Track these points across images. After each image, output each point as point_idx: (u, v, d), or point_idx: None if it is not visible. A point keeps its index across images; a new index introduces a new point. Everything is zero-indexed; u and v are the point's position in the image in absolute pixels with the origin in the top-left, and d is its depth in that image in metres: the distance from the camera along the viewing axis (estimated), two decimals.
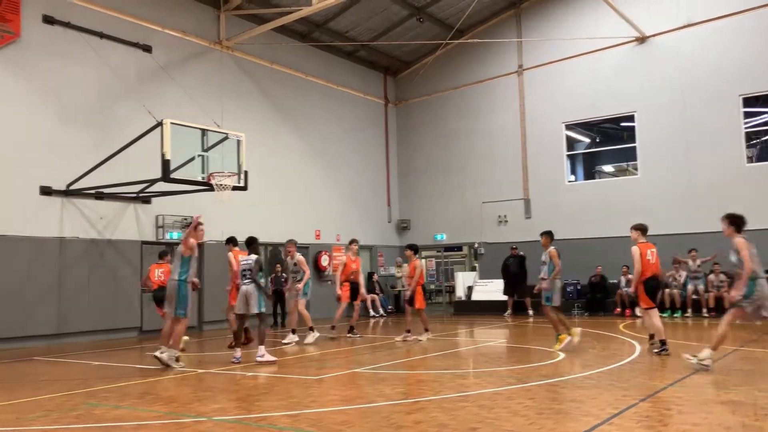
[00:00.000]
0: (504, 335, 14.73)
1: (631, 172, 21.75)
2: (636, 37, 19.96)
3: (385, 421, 5.94)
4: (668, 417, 5.71)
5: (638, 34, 19.79)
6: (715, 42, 18.83)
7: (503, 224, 22.36)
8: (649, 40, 19.92)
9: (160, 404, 7.08)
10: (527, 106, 22.08)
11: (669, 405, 6.21)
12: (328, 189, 21.97)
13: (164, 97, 16.63)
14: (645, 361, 9.30)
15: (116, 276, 15.58)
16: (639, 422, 5.54)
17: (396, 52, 23.90)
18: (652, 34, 19.81)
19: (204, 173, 13.60)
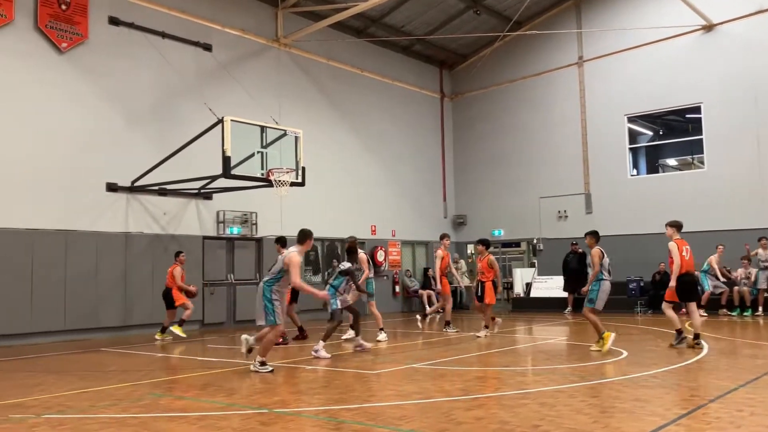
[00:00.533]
0: (564, 332, 14.48)
1: (696, 166, 21.03)
2: (702, 26, 19.25)
3: (445, 417, 5.90)
4: (740, 419, 5.49)
5: (705, 22, 19.09)
6: None
7: (563, 219, 21.96)
8: (716, 28, 19.19)
9: (222, 396, 7.21)
10: (588, 98, 21.59)
11: (741, 406, 5.97)
12: (384, 184, 21.99)
13: (224, 94, 16.94)
14: (713, 361, 8.98)
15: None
16: (709, 423, 5.34)
17: (452, 46, 23.72)
18: (719, 21, 19.08)
19: (263, 169, 13.79)
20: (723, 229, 18.48)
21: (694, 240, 18.61)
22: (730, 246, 17.90)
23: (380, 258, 21.40)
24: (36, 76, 14.05)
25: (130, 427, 5.69)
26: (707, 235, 18.62)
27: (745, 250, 17.00)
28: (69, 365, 10.13)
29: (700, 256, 18.03)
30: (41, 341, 13.41)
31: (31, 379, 8.75)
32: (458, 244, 24.62)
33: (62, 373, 9.20)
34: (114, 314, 14.74)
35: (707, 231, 18.70)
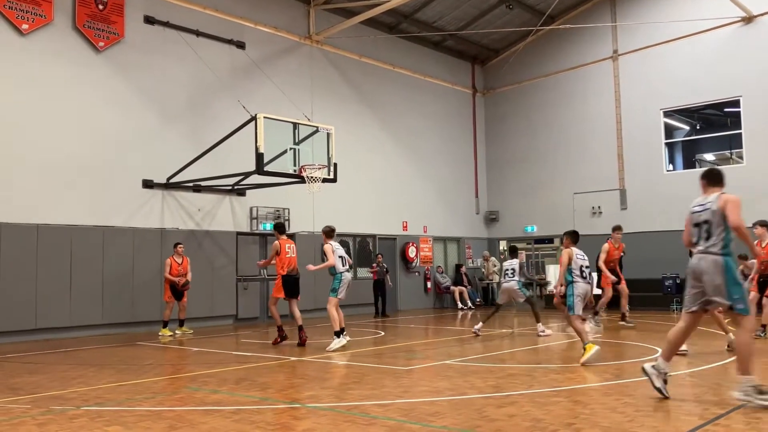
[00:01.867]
0: (598, 330, 14.29)
1: (735, 161, 20.58)
2: (742, 17, 18.82)
3: (477, 413, 5.88)
4: None
5: (744, 13, 18.65)
6: None
7: (597, 215, 21.69)
8: (756, 20, 18.74)
9: (256, 390, 7.29)
10: (622, 92, 21.26)
11: None
12: (415, 180, 21.97)
13: (257, 91, 17.09)
14: None
15: (213, 265, 16.18)
16: (748, 424, 5.24)
17: (484, 41, 23.56)
18: (760, 13, 18.63)
19: (295, 166, 13.89)
20: None
21: None
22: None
23: (411, 254, 21.40)
24: (74, 75, 14.35)
25: (166, 420, 5.79)
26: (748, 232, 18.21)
27: None
28: (107, 358, 10.34)
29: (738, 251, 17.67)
30: (80, 335, 13.72)
31: (71, 371, 8.96)
32: (490, 240, 24.49)
33: (100, 366, 9.40)
34: (150, 309, 14.98)
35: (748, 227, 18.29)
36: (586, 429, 5.19)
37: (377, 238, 20.53)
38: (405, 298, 21.18)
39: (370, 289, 18.77)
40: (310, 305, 16.86)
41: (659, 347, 10.01)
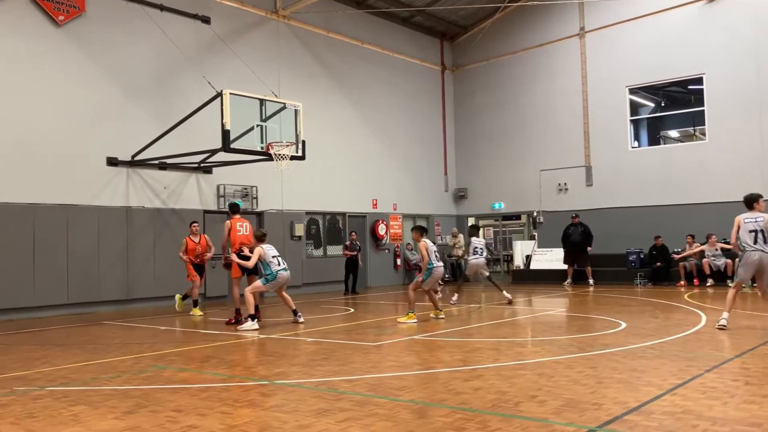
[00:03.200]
0: (563, 304, 14.56)
1: (698, 137, 20.95)
2: None
3: (444, 387, 5.98)
4: (735, 388, 5.55)
5: None
6: None
7: (563, 192, 21.96)
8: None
9: (224, 368, 7.30)
10: (589, 69, 21.44)
11: (736, 376, 6.04)
12: (385, 157, 21.95)
13: (223, 67, 16.84)
14: (711, 332, 9.05)
15: (180, 244, 16.01)
16: (704, 393, 5.40)
17: (453, 17, 23.49)
18: None
19: (263, 143, 13.76)
20: (725, 201, 18.47)
21: (696, 211, 18.77)
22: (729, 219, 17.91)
23: (381, 232, 21.45)
24: (33, 50, 13.96)
25: (133, 399, 5.77)
26: (709, 207, 18.68)
27: None
28: (72, 338, 10.23)
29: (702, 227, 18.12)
30: (44, 315, 13.54)
31: (35, 352, 8.85)
32: (459, 217, 24.66)
33: (65, 346, 9.30)
34: (116, 288, 14.83)
35: (709, 203, 18.75)
36: (549, 400, 5.31)
37: (347, 215, 20.53)
38: (375, 275, 21.27)
39: (341, 267, 18.78)
40: None
41: (623, 320, 10.27)
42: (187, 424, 4.90)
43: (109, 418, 5.14)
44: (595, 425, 4.59)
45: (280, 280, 11.01)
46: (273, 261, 11.02)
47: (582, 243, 19.18)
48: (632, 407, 5.04)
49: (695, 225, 18.29)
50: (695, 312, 11.43)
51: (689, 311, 11.63)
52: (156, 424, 4.94)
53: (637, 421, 4.67)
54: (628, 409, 4.99)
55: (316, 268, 19.33)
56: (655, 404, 5.11)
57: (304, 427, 4.75)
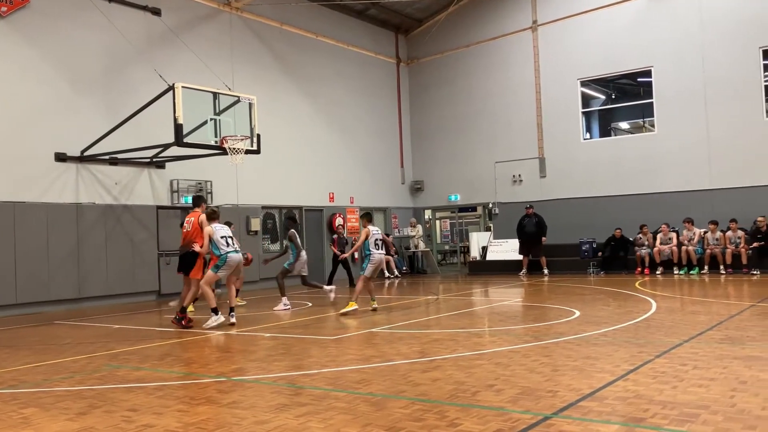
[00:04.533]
0: (519, 294, 14.78)
1: (647, 129, 21.49)
2: None
3: (403, 379, 6.01)
4: (684, 372, 5.73)
5: None
6: None
7: (518, 184, 22.25)
8: None
9: (180, 365, 7.20)
10: (542, 62, 21.74)
11: (685, 361, 6.23)
12: (341, 150, 21.89)
13: (175, 60, 16.53)
14: (661, 318, 9.31)
15: (133, 240, 15.73)
16: (655, 378, 5.56)
17: (407, 10, 23.52)
18: None
19: (217, 137, 13.59)
20: (674, 191, 19.03)
21: (646, 201, 19.26)
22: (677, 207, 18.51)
23: (339, 225, 21.39)
24: None
25: (86, 399, 5.65)
26: (659, 197, 19.19)
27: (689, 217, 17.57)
28: (22, 339, 9.95)
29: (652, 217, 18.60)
30: None
31: None
32: (416, 209, 24.78)
33: (15, 348, 9.05)
34: (67, 286, 14.47)
35: (658, 193, 19.26)
36: (506, 389, 5.40)
37: (303, 209, 20.42)
38: None
39: None
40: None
41: (576, 309, 10.48)
42: (142, 424, 4.82)
43: (61, 420, 5.02)
44: (550, 412, 4.68)
45: (230, 262, 10.31)
46: (221, 241, 10.29)
47: (537, 233, 19.47)
48: (586, 393, 5.15)
49: (646, 215, 18.77)
50: (646, 299, 11.73)
51: (640, 299, 11.93)
52: (110, 424, 4.85)
53: (591, 407, 4.78)
54: (582, 395, 5.10)
55: (274, 262, 19.10)
56: (608, 390, 5.24)
57: (262, 422, 4.72)
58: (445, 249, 28.36)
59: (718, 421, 4.29)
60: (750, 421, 4.28)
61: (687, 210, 18.15)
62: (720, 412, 4.49)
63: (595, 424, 4.35)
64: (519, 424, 4.42)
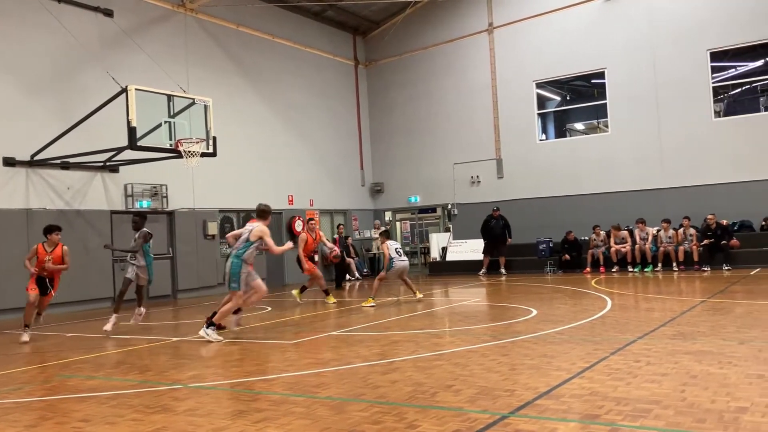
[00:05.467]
0: (478, 294, 14.90)
1: (602, 130, 21.89)
2: None
3: (362, 381, 6.00)
4: (637, 368, 5.84)
5: None
6: None
7: (476, 185, 22.45)
8: None
9: (135, 373, 7.06)
10: (498, 64, 21.98)
11: (638, 357, 6.35)
12: (300, 153, 21.77)
13: (128, 62, 16.22)
14: (616, 316, 9.48)
15: (87, 246, 15.36)
16: (609, 375, 5.65)
17: (365, 12, 23.53)
18: None
19: (171, 140, 13.39)
20: (628, 190, 19.43)
21: (601, 201, 19.62)
22: (631, 206, 18.89)
23: (298, 228, 21.25)
24: None
25: (35, 411, 5.49)
26: (613, 197, 19.58)
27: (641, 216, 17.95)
28: None
29: (607, 217, 18.95)
30: None
31: None
32: (376, 211, 24.79)
33: None
34: (18, 295, 13.99)
35: (613, 192, 19.65)
36: (464, 389, 5.42)
37: None
38: (293, 272, 21.03)
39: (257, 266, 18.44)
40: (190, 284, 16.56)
41: (534, 308, 10.61)
42: None
43: None
44: (508, 411, 4.72)
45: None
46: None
47: (503, 235, 19.55)
48: (543, 392, 5.21)
49: (600, 215, 19.12)
50: (602, 297, 11.94)
51: (596, 297, 12.15)
52: None
53: (548, 405, 4.84)
54: (538, 393, 5.16)
55: None
56: (564, 388, 5.31)
57: (219, 429, 4.66)
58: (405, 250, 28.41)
59: (669, 416, 4.38)
60: (699, 414, 4.38)
61: (640, 208, 18.56)
62: (671, 406, 4.59)
63: (552, 422, 4.40)
64: (477, 424, 4.45)
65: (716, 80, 18.96)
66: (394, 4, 22.94)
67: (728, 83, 19.84)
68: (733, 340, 7.06)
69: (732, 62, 19.51)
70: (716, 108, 19.09)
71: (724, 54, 18.93)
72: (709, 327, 8.02)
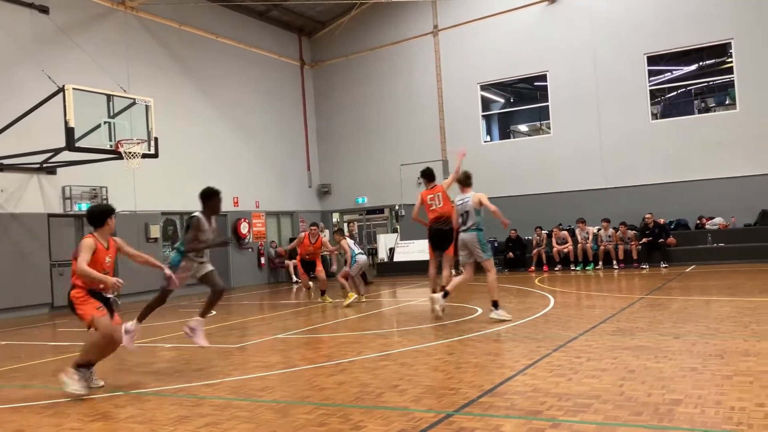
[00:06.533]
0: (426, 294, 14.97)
1: (544, 131, 22.32)
2: None
3: (308, 384, 5.96)
4: (578, 365, 5.97)
5: None
6: (623, 1, 19.40)
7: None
8: (560, 0, 20.30)
9: None
10: (443, 66, 22.19)
11: (579, 353, 6.49)
12: (245, 154, 21.52)
13: (65, 61, 15.76)
14: (558, 313, 9.68)
15: (23, 251, 14.85)
16: (552, 371, 5.76)
17: (310, 12, 23.43)
18: None
19: (111, 141, 13.06)
20: (569, 191, 19.86)
21: (543, 201, 20.00)
22: (571, 207, 19.32)
23: (244, 230, 21.02)
24: None
25: None
26: (555, 197, 19.98)
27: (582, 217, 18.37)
28: None
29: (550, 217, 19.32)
30: None
31: None
32: (323, 212, 24.70)
33: None
34: None
35: (555, 192, 20.05)
36: (410, 389, 5.44)
37: None
38: (238, 275, 20.82)
39: None
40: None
41: (479, 306, 10.74)
42: None
43: None
44: (452, 410, 4.76)
45: None
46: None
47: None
48: (487, 389, 5.27)
49: (543, 214, 19.50)
50: (545, 295, 12.17)
51: (540, 295, 12.38)
52: None
53: (491, 402, 4.90)
54: (483, 391, 5.22)
55: None
56: (507, 385, 5.39)
57: None
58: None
59: (608, 410, 4.49)
60: (636, 408, 4.50)
61: (582, 208, 19.01)
62: (610, 400, 4.71)
63: (495, 419, 4.46)
64: (422, 423, 4.47)
65: (653, 83, 19.58)
66: (339, 5, 22.91)
67: (664, 86, 20.50)
68: (668, 335, 7.29)
69: (668, 66, 20.17)
70: (653, 110, 19.73)
71: (661, 58, 19.56)
72: (647, 323, 8.26)
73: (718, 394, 4.71)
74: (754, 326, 7.47)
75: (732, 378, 5.13)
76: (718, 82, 19.85)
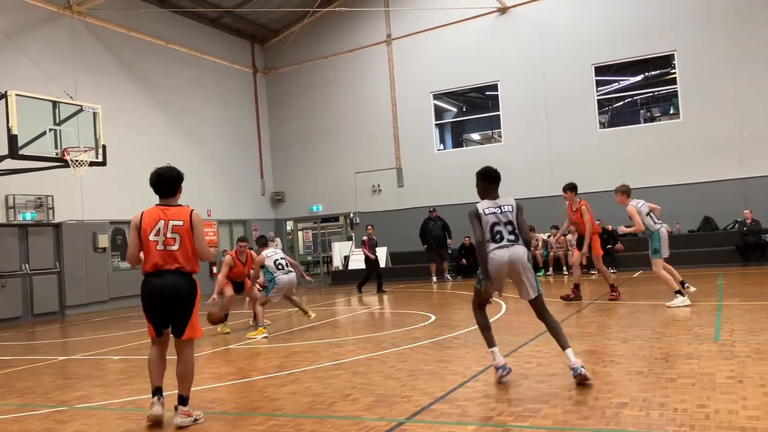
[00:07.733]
0: (379, 302, 15.00)
1: (496, 140, 22.63)
2: (498, 8, 20.65)
3: (259, 395, 5.89)
4: (529, 369, 6.06)
5: (500, 4, 20.47)
6: (570, 12, 19.89)
7: (377, 193, 22.65)
8: (510, 11, 20.68)
9: (14, 396, 6.62)
10: (396, 75, 22.32)
11: (530, 359, 6.59)
12: (197, 161, 21.21)
13: (8, 66, 15.32)
14: (509, 319, 9.80)
15: None
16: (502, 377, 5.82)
17: (263, 20, 23.30)
18: (512, 4, 20.60)
19: (57, 149, 12.73)
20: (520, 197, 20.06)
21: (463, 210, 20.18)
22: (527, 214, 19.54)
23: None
24: None
25: None
26: None
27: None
28: None
29: None
30: None
31: None
32: (277, 221, 24.52)
33: None
34: None
35: None
36: (362, 398, 5.44)
37: None
38: None
39: None
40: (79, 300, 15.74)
41: (432, 313, 10.79)
42: None
43: None
44: (405, 417, 4.77)
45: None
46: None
47: (444, 236, 19.35)
48: (439, 396, 5.30)
49: None
50: (497, 302, 12.30)
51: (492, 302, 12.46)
52: None
53: (443, 409, 4.93)
54: (435, 398, 5.25)
55: (124, 281, 18.13)
56: (459, 392, 5.43)
57: None
58: (308, 260, 28.24)
59: (557, 414, 4.56)
60: (585, 411, 4.59)
61: (533, 216, 19.22)
62: (559, 405, 4.79)
63: (447, 426, 4.48)
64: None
65: (601, 93, 20.08)
66: (292, 13, 22.85)
67: (612, 96, 21.02)
68: (616, 339, 7.46)
69: (615, 76, 20.71)
70: (601, 119, 20.20)
71: (608, 68, 20.07)
72: (595, 327, 8.44)
73: (662, 396, 4.84)
74: (697, 329, 7.70)
75: (676, 381, 5.27)
76: (662, 93, 20.47)
